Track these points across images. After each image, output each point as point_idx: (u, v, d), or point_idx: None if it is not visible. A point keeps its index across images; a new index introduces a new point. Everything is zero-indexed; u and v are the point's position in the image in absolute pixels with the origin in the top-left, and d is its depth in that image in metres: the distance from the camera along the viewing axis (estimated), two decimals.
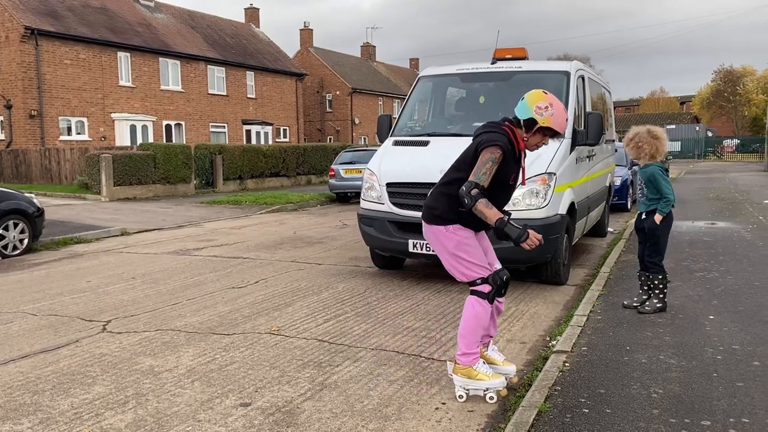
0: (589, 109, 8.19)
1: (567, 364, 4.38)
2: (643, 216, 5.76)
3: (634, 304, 5.77)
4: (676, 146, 56.95)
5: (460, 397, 3.98)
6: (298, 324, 5.66)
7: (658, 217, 5.58)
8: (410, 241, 6.90)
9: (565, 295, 6.71)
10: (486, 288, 3.91)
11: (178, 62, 30.81)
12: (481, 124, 4.06)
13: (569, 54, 50.11)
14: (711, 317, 5.47)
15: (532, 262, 6.78)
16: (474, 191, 3.66)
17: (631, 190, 15.33)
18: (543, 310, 6.14)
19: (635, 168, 6.28)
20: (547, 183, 6.65)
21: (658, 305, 5.65)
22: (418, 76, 8.79)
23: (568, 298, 6.60)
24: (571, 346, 4.74)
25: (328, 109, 47.26)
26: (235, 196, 19.09)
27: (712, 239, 9.82)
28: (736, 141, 58.52)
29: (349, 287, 7.14)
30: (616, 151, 11.57)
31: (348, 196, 18.61)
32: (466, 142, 4.05)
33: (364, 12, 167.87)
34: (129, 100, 28.28)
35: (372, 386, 4.19)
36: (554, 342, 5.00)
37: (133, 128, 28.15)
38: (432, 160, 6.90)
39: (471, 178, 3.71)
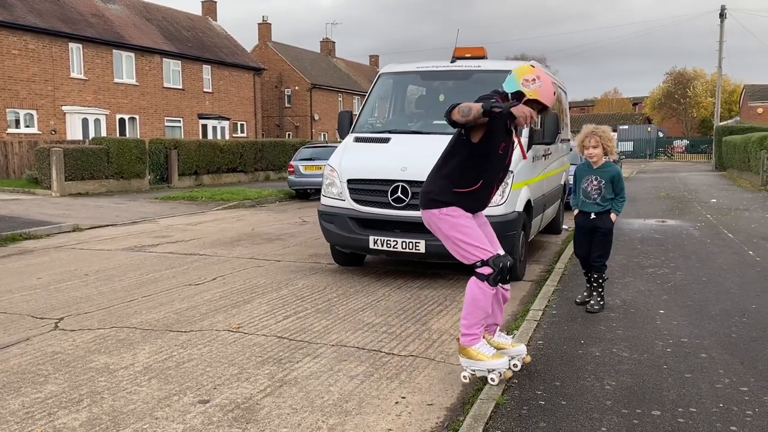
0: None
1: None
2: (593, 216, 5.65)
3: (587, 299, 5.90)
4: (629, 146, 58.35)
5: (464, 377, 4.07)
6: (257, 321, 5.62)
7: (614, 216, 5.67)
8: (371, 238, 6.92)
9: (521, 291, 6.83)
10: (486, 270, 3.87)
11: (132, 55, 30.10)
12: (441, 122, 4.08)
13: (526, 54, 50.75)
14: (661, 312, 5.66)
15: None
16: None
17: None
18: None
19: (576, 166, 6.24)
20: (505, 181, 6.76)
21: (601, 303, 5.76)
22: (379, 73, 8.81)
23: (524, 294, 6.73)
24: (527, 340, 4.83)
25: (286, 105, 46.83)
26: (191, 191, 18.74)
27: (662, 236, 10.13)
28: (685, 142, 60.31)
29: (309, 284, 7.12)
30: (570, 150, 11.82)
31: (307, 193, 18.50)
32: (426, 140, 4.08)
33: (324, 8, 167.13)
34: (81, 93, 27.49)
35: (332, 382, 4.19)
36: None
37: (85, 122, 27.40)
38: (393, 157, 6.94)
39: None
